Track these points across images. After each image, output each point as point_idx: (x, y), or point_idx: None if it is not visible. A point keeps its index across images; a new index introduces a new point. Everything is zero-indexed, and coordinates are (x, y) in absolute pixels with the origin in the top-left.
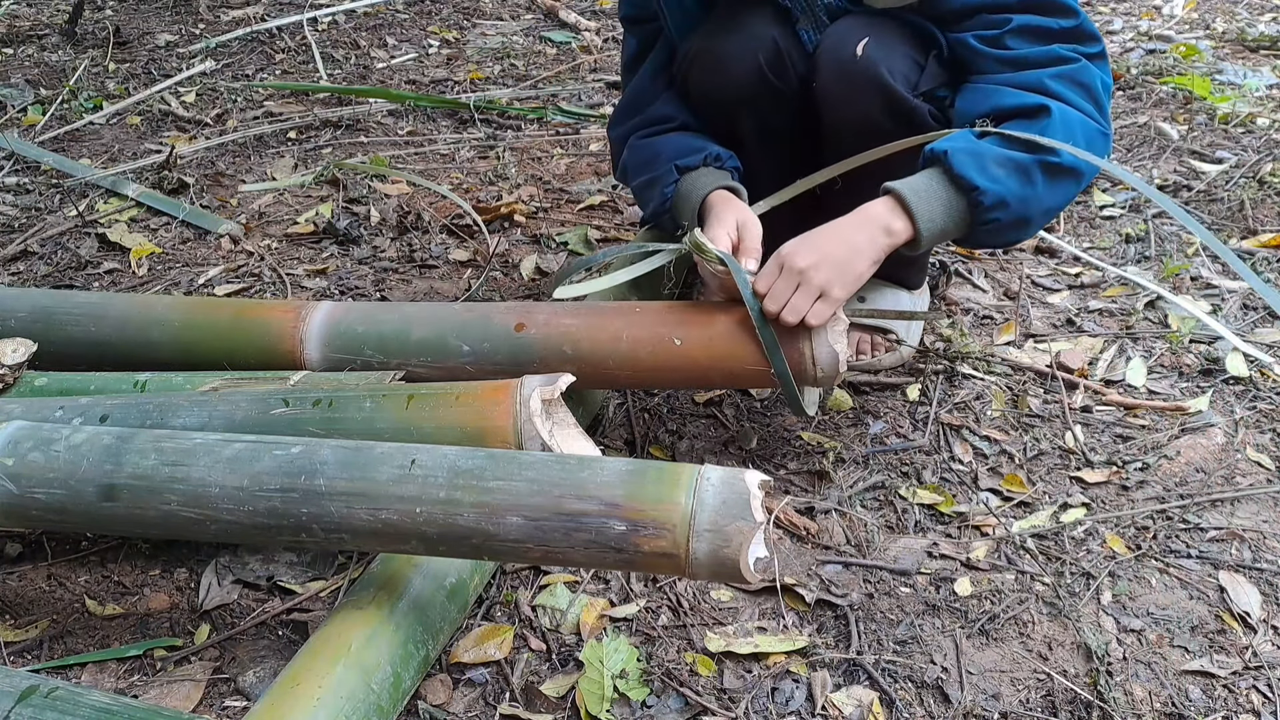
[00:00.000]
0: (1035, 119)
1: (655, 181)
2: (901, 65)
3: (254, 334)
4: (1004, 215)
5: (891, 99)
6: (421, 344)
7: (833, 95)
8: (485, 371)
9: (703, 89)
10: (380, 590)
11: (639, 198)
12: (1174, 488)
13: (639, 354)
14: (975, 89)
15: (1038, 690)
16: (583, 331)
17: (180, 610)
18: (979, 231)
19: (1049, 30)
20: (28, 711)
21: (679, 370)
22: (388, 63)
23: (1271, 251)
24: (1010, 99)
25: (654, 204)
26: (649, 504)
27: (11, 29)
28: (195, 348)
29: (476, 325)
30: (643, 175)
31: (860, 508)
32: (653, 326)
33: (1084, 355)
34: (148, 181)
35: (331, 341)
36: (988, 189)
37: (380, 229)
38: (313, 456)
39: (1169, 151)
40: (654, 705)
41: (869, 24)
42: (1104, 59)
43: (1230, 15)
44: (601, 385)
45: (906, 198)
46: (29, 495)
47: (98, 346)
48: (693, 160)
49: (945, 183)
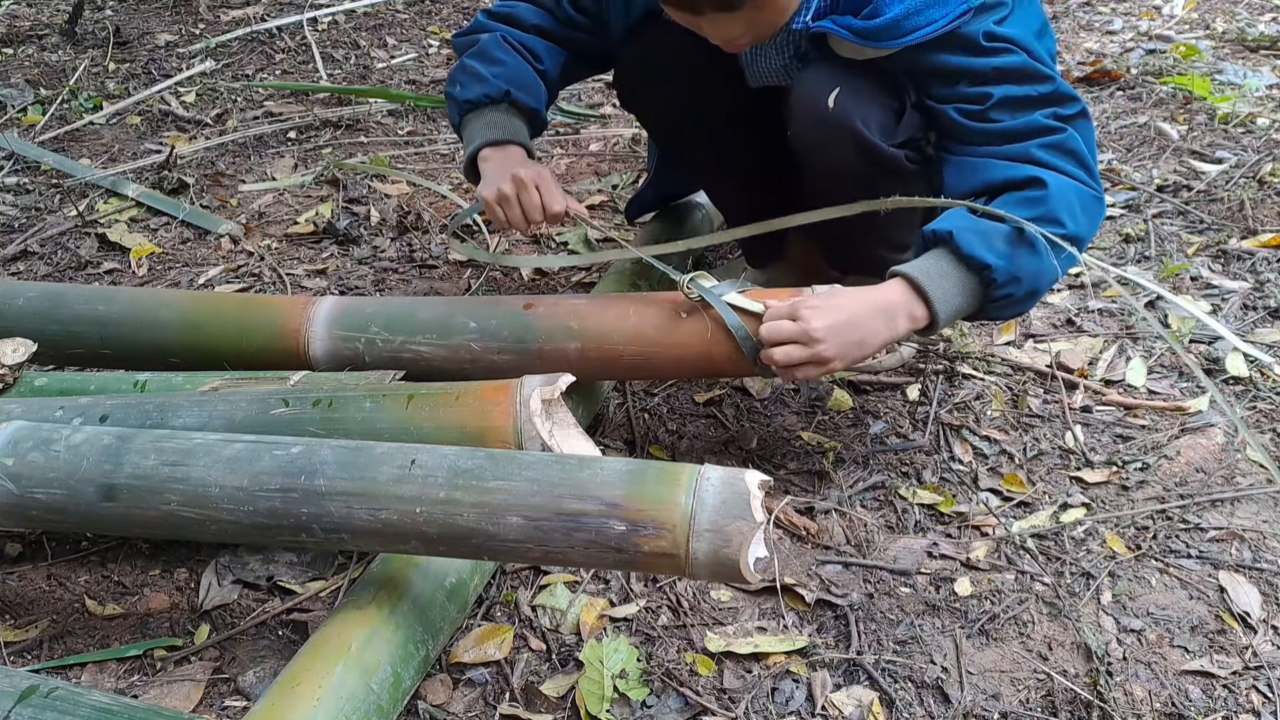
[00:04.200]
0: (1029, 190)
1: (451, 100)
2: (877, 115)
3: (262, 315)
4: (1017, 290)
5: (868, 150)
6: (428, 322)
7: (808, 146)
8: (489, 350)
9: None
10: (380, 590)
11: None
12: (1174, 488)
13: (644, 329)
14: (963, 163)
15: (1038, 690)
16: (588, 308)
17: (180, 610)
18: (991, 308)
19: (1029, 98)
20: (28, 711)
21: (684, 347)
22: (388, 63)
23: (1271, 251)
24: (1001, 172)
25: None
26: (649, 504)
27: (11, 29)
28: (202, 328)
29: (484, 304)
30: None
31: (860, 508)
32: (658, 305)
33: (1084, 355)
34: (148, 181)
35: (338, 320)
36: (999, 266)
37: (380, 229)
38: (313, 456)
39: (1169, 151)
40: (654, 705)
41: (839, 73)
42: (1086, 118)
43: (1230, 15)
44: (606, 367)
45: (921, 283)
46: (29, 495)
47: (104, 326)
48: (474, 93)
49: (955, 263)
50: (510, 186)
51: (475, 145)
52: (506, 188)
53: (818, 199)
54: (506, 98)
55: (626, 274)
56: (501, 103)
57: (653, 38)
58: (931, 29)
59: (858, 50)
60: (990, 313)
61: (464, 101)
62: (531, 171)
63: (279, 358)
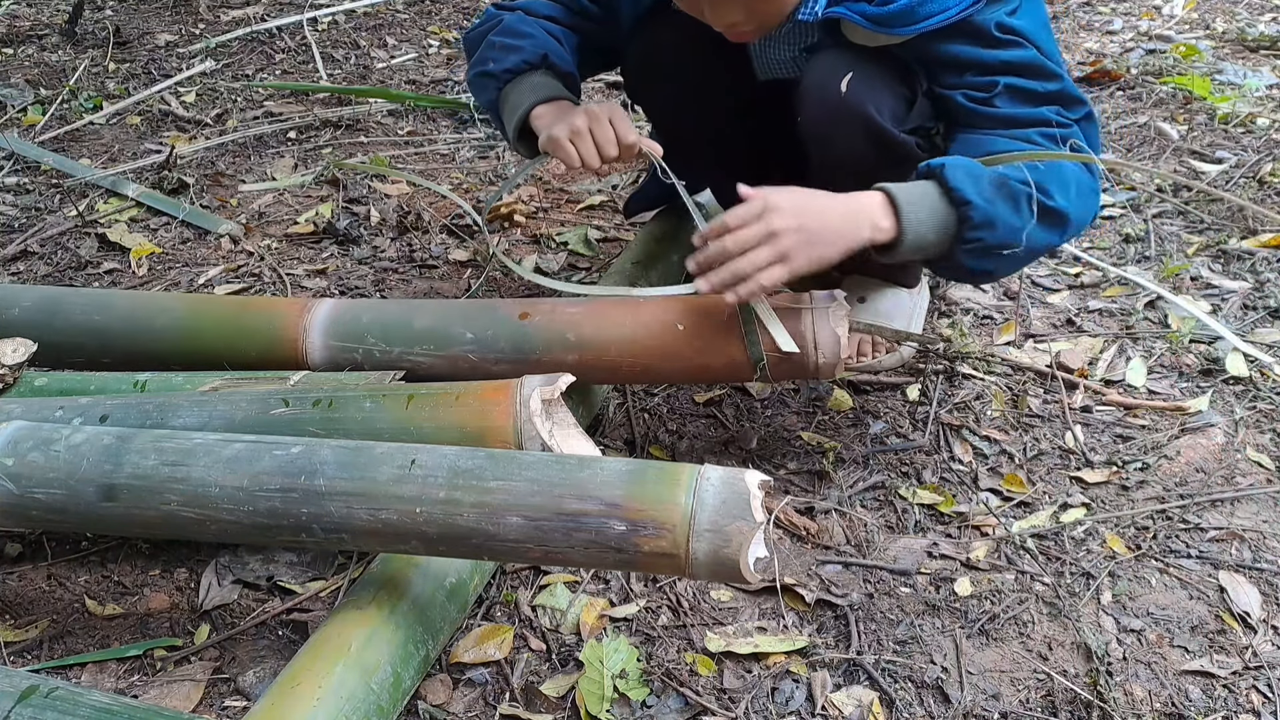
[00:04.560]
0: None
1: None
2: (889, 101)
3: (259, 321)
4: (989, 236)
5: (878, 135)
6: (425, 332)
7: (819, 132)
8: (487, 360)
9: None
10: (380, 590)
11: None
12: (1174, 488)
13: (640, 338)
14: (967, 139)
15: (1038, 690)
16: (586, 319)
17: (180, 610)
18: (960, 251)
19: (1035, 93)
20: (28, 711)
21: (681, 358)
22: (388, 63)
23: (1271, 251)
24: (1003, 146)
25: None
26: (649, 504)
27: (11, 29)
28: (200, 333)
29: (481, 313)
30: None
31: (860, 508)
32: (656, 314)
33: (1084, 355)
34: (148, 181)
35: (334, 330)
36: (979, 205)
37: (380, 229)
38: (313, 456)
39: (1169, 151)
40: (654, 705)
41: (851, 59)
42: (1092, 121)
43: (1230, 15)
44: (603, 376)
45: (898, 199)
46: (29, 495)
47: (102, 335)
48: (512, 61)
49: (939, 194)
50: (583, 120)
51: (526, 105)
52: (580, 122)
53: (824, 189)
54: (544, 61)
55: (626, 274)
56: (540, 67)
57: (657, 34)
58: (945, 16)
59: (870, 37)
60: (958, 256)
61: (502, 72)
62: (604, 106)
63: (278, 366)
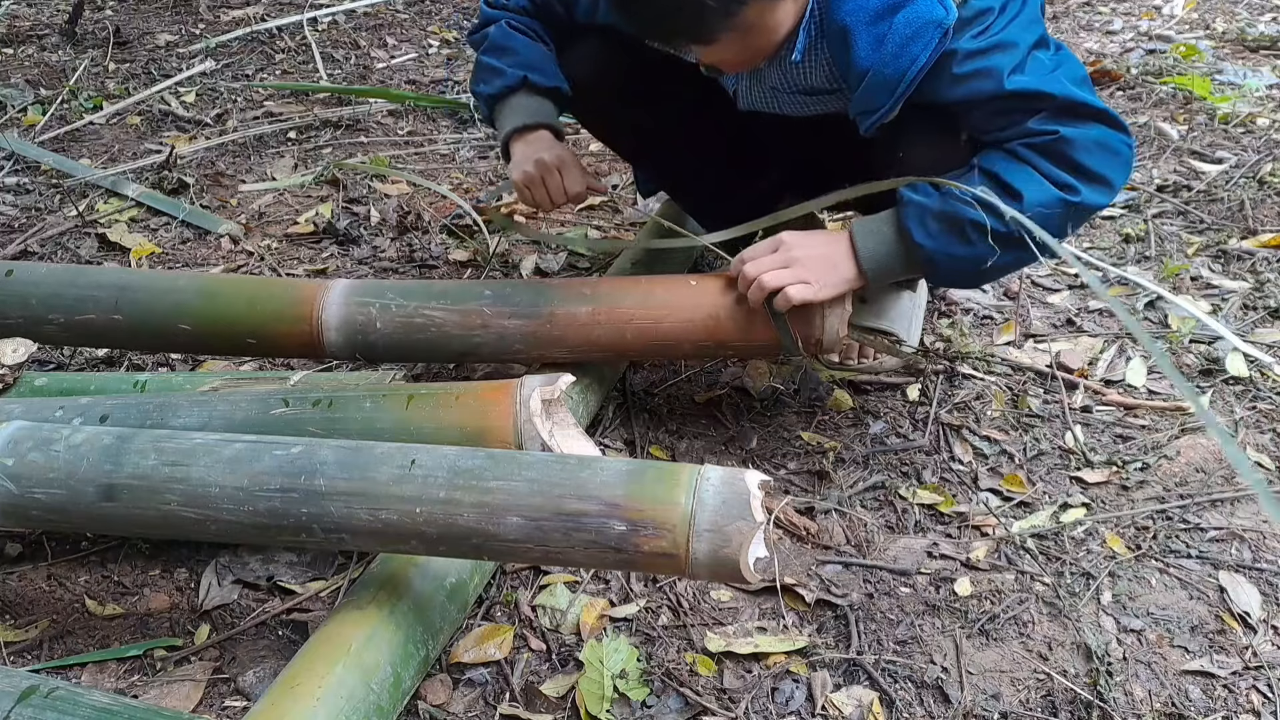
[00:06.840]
0: (1049, 139)
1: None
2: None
3: (277, 289)
4: (935, 273)
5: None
6: (444, 290)
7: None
8: (501, 315)
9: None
10: (380, 590)
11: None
12: (1174, 488)
13: (655, 291)
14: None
15: (1038, 690)
16: (603, 280)
17: (180, 610)
18: (932, 275)
19: (1013, 115)
20: (28, 711)
21: (695, 311)
22: (388, 63)
23: (1271, 251)
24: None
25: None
26: (649, 504)
27: (11, 29)
28: (220, 295)
29: (500, 282)
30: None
31: (860, 508)
32: (671, 278)
33: (1084, 355)
34: (148, 181)
35: (354, 289)
36: (923, 245)
37: (380, 229)
38: (313, 456)
39: (1169, 151)
40: (654, 705)
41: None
42: (1098, 122)
43: (1230, 15)
44: (616, 330)
45: (856, 244)
46: (29, 495)
47: (122, 290)
48: (495, 86)
49: (895, 230)
50: (535, 169)
51: (505, 134)
52: (532, 170)
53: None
54: (524, 84)
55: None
56: (520, 89)
57: (599, 59)
58: (915, 71)
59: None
60: (932, 279)
61: (489, 96)
62: (554, 155)
63: (292, 325)
